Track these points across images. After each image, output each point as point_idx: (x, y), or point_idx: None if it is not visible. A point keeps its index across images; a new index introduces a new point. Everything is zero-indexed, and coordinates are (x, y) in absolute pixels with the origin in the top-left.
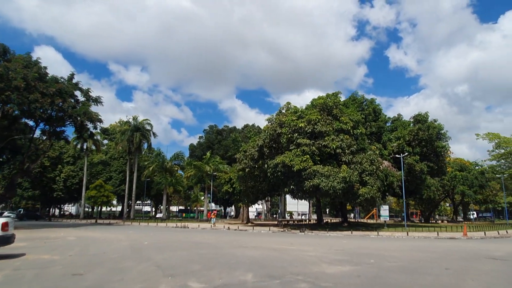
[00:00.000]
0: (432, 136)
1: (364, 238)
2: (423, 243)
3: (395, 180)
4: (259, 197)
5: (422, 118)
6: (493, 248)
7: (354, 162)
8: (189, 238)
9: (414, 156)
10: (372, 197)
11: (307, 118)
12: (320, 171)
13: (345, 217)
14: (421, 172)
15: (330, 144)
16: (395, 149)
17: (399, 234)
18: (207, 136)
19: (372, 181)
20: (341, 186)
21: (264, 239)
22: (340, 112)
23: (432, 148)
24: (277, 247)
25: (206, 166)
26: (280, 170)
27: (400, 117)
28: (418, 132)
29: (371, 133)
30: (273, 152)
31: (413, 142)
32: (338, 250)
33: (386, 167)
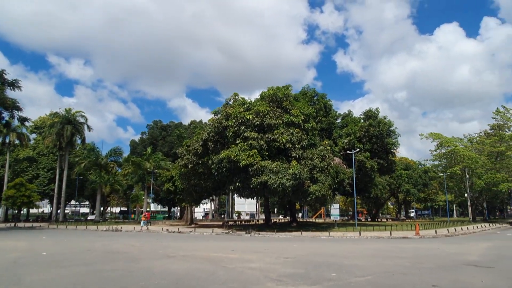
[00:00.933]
0: (382, 133)
1: (316, 240)
2: (382, 244)
3: (345, 178)
4: (203, 196)
5: (373, 114)
6: (460, 250)
7: (305, 158)
8: (107, 245)
9: (364, 152)
10: (323, 195)
11: (255, 110)
12: (268, 167)
13: (294, 216)
14: (372, 169)
15: (280, 138)
16: (346, 146)
17: (351, 234)
18: (151, 132)
19: (323, 178)
20: (291, 183)
21: (202, 244)
22: (290, 104)
23: (382, 145)
24: (213, 256)
25: (146, 163)
26: (225, 166)
27: (350, 114)
28: (369, 128)
29: (322, 129)
30: (218, 146)
31: (364, 138)
32: (288, 258)
33: (337, 164)
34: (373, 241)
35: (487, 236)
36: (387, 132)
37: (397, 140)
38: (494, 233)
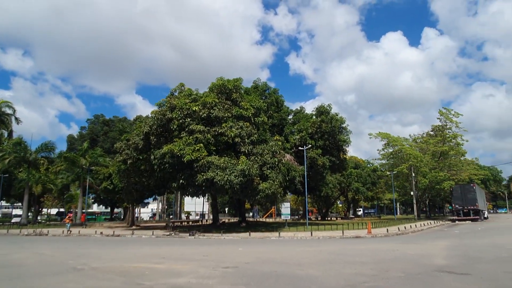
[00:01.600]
0: (335, 129)
1: (265, 242)
2: (337, 246)
3: (297, 175)
4: (145, 195)
5: (325, 110)
6: (421, 251)
7: (255, 154)
8: (8, 255)
9: (316, 149)
10: (273, 193)
11: (202, 101)
12: (215, 162)
13: (243, 216)
14: (323, 166)
15: (228, 132)
16: (297, 142)
17: (302, 234)
18: (91, 126)
19: (273, 175)
20: (239, 180)
21: (130, 250)
22: (240, 97)
23: (334, 142)
24: (134, 268)
25: (81, 159)
26: (168, 161)
27: (302, 110)
28: (321, 124)
29: (273, 125)
30: (161, 141)
31: (316, 134)
32: (228, 268)
33: (288, 161)
34: (326, 242)
35: (438, 234)
36: (339, 129)
37: (348, 137)
38: (442, 230)
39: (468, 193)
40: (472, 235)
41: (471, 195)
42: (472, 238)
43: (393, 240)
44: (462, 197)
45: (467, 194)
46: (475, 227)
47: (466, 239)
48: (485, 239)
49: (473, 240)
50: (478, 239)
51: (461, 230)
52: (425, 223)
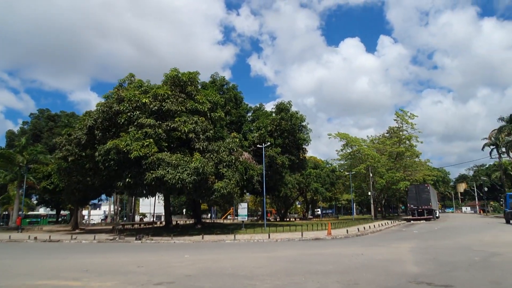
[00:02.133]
0: (294, 127)
1: (218, 246)
2: (296, 251)
3: (255, 174)
4: (90, 196)
5: (285, 107)
6: (388, 256)
7: (210, 151)
8: None
9: (275, 148)
10: (229, 193)
11: (153, 93)
12: (166, 159)
13: (198, 217)
14: (283, 165)
15: (182, 127)
16: (256, 140)
17: (260, 236)
18: (35, 121)
19: (230, 174)
20: (192, 179)
21: (54, 260)
22: (196, 90)
23: (294, 140)
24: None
25: (18, 156)
26: (113, 158)
27: (262, 107)
28: (280, 122)
29: (231, 122)
30: (107, 135)
31: (275, 132)
32: (162, 284)
33: (246, 159)
34: (285, 245)
35: (398, 234)
36: (299, 127)
37: (308, 135)
38: (400, 231)
39: (423, 193)
40: (432, 235)
41: (425, 195)
42: (434, 239)
43: (355, 242)
44: (416, 197)
45: (422, 194)
46: (431, 227)
47: (429, 240)
48: (448, 240)
49: (437, 242)
50: (441, 240)
51: (419, 230)
52: (382, 223)
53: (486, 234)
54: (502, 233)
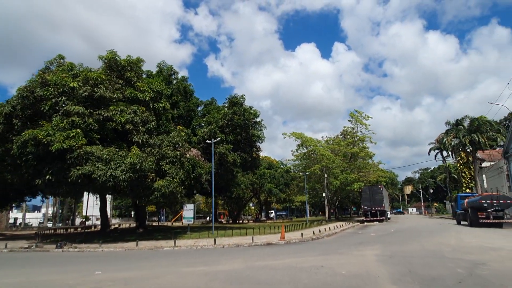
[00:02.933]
0: (247, 123)
1: (150, 256)
2: (242, 263)
3: (203, 173)
4: (10, 196)
5: (238, 101)
6: (355, 268)
7: (151, 145)
8: None
9: (227, 144)
10: (172, 192)
11: (83, 76)
12: (96, 153)
13: (141, 220)
14: (234, 163)
15: (117, 117)
16: (206, 136)
17: (205, 242)
18: None
19: (173, 171)
20: (127, 176)
21: None
22: (136, 76)
23: (247, 137)
24: None
25: None
26: (31, 151)
27: (214, 102)
28: (233, 117)
29: (180, 116)
30: (29, 125)
31: (227, 128)
32: None
33: (194, 156)
34: (231, 253)
35: (356, 238)
36: (252, 123)
37: (262, 132)
38: (356, 233)
39: (376, 194)
40: (392, 238)
41: (378, 196)
42: (397, 244)
43: (312, 248)
44: (370, 198)
45: (375, 195)
46: (386, 228)
47: (393, 245)
48: (413, 244)
49: (402, 246)
50: (405, 245)
51: (376, 232)
52: (337, 225)
53: (448, 237)
54: (462, 235)
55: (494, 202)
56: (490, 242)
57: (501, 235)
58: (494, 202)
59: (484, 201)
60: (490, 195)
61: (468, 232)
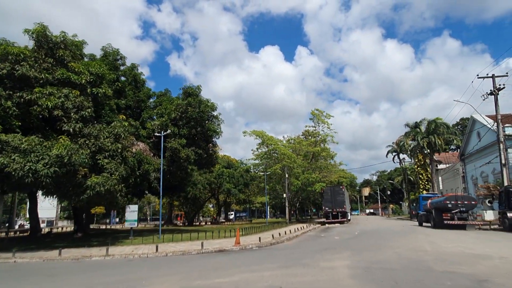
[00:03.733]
0: (203, 116)
1: (64, 272)
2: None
3: (151, 169)
4: None
5: (193, 91)
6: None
7: (86, 135)
8: None
9: (180, 139)
10: (109, 191)
11: (1, 51)
12: (13, 143)
13: (80, 223)
14: (187, 160)
15: (43, 101)
16: (156, 129)
17: (146, 249)
18: None
19: (112, 167)
20: (52, 171)
21: None
22: (71, 56)
23: (202, 131)
24: None
25: None
26: None
27: (168, 93)
28: (187, 108)
29: (127, 107)
30: None
31: (181, 121)
32: None
33: (141, 151)
34: (172, 264)
35: (320, 242)
36: (209, 116)
37: (220, 127)
38: (319, 237)
39: (338, 195)
40: (359, 243)
41: (340, 197)
42: (369, 251)
43: (269, 256)
44: (332, 199)
45: (337, 196)
46: (350, 231)
47: (364, 252)
48: (386, 252)
49: (374, 254)
50: (378, 252)
51: (340, 236)
52: (297, 227)
53: (419, 241)
54: (433, 238)
55: (459, 202)
56: (469, 248)
57: (473, 237)
58: (459, 203)
59: (449, 201)
60: (454, 195)
61: (436, 234)
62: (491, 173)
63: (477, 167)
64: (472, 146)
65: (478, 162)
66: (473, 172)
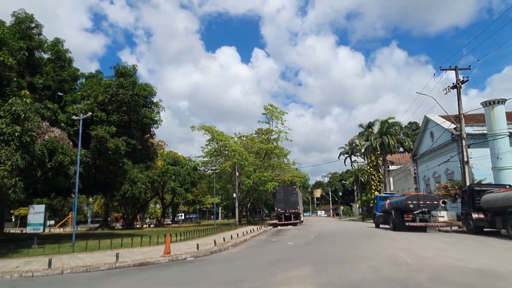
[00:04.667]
0: (139, 101)
1: None
2: None
3: (67, 161)
4: None
5: (127, 71)
6: None
7: None
8: None
9: (109, 126)
10: None
11: None
12: None
13: None
14: (117, 151)
15: None
16: (79, 113)
17: (39, 263)
18: None
19: (3, 155)
20: None
21: None
22: None
23: (137, 119)
24: None
25: None
26: None
27: (99, 75)
28: (118, 90)
29: (46, 87)
30: None
31: (110, 105)
32: None
33: (56, 139)
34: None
35: (270, 249)
36: (147, 102)
37: (159, 115)
38: (270, 242)
39: (291, 195)
40: (319, 251)
41: (293, 198)
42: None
43: (203, 274)
44: (285, 200)
45: (290, 197)
46: (303, 234)
47: (329, 267)
48: (358, 265)
49: (344, 270)
50: (347, 266)
51: (293, 240)
52: (247, 230)
53: (388, 247)
54: (401, 243)
55: (421, 203)
56: (457, 258)
57: (445, 242)
58: (421, 203)
59: (411, 201)
60: (416, 195)
61: (402, 238)
62: (444, 173)
63: (429, 167)
64: (425, 146)
65: (431, 163)
66: (426, 172)
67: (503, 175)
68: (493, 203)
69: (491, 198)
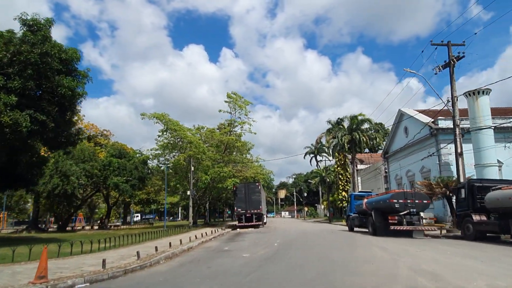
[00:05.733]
0: (51, 63)
1: None
2: None
3: None
4: None
5: (38, 24)
6: None
7: None
8: None
9: (8, 95)
10: None
11: None
12: None
13: None
14: (17, 129)
15: None
16: None
17: None
18: None
19: None
20: None
21: None
22: None
23: (52, 88)
24: None
25: None
26: None
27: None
28: (21, 48)
29: None
30: None
31: (10, 66)
32: None
33: None
34: None
35: (219, 265)
36: (68, 69)
37: (84, 86)
38: (222, 251)
39: (253, 194)
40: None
41: (255, 197)
42: None
43: None
44: (246, 199)
45: (252, 195)
46: (267, 240)
47: None
48: None
49: None
50: None
51: (252, 251)
52: (200, 233)
53: (388, 264)
54: (401, 257)
55: (409, 202)
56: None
57: (463, 255)
58: (409, 202)
59: (396, 200)
60: (403, 192)
61: (394, 246)
62: (419, 171)
63: (402, 166)
64: (398, 143)
65: (404, 160)
66: (398, 171)
67: (487, 172)
68: (505, 203)
69: (502, 196)
